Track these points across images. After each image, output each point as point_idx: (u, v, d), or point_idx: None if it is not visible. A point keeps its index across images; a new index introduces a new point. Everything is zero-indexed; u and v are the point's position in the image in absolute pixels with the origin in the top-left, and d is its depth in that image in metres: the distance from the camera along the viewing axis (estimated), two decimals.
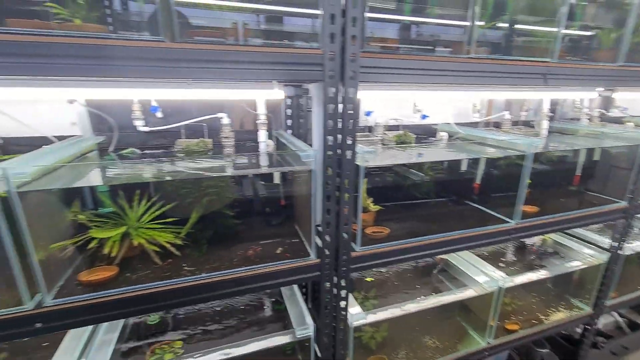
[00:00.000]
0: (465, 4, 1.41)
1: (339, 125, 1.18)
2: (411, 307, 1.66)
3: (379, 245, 1.43)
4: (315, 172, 1.24)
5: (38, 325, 1.03)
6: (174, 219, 1.36)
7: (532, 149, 1.60)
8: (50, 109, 1.53)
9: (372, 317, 1.56)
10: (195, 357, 1.37)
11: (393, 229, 1.57)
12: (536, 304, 2.26)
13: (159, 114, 1.57)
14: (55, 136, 1.50)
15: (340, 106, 1.16)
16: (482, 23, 1.44)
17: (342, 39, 1.08)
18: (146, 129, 1.57)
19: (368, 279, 2.04)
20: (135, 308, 1.11)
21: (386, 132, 2.05)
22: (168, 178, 1.17)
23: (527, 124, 2.46)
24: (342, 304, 1.44)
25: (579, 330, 2.46)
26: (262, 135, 1.65)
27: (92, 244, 1.16)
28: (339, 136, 1.20)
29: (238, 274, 1.22)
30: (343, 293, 1.42)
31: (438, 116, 2.22)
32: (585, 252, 2.20)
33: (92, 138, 1.55)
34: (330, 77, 1.11)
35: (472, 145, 1.82)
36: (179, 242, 1.31)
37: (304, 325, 1.46)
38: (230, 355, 1.37)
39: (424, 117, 2.11)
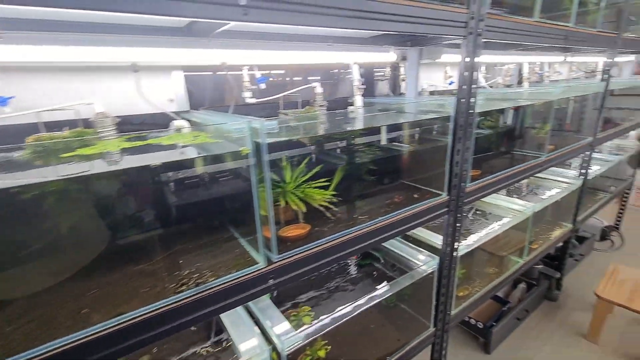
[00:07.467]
0: None
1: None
2: None
3: (480, 180, 1.72)
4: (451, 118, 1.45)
5: (271, 281, 1.03)
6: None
7: None
8: (150, 85, 1.40)
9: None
10: (333, 314, 1.42)
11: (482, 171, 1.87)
12: (544, 229, 2.86)
13: (263, 86, 1.57)
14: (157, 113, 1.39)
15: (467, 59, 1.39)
16: None
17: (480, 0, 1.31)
18: (253, 100, 1.55)
19: None
20: (343, 253, 1.18)
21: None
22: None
23: None
24: (456, 236, 1.70)
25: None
26: (359, 100, 1.77)
27: (282, 203, 1.18)
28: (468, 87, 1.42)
29: (404, 214, 1.37)
30: (458, 224, 1.67)
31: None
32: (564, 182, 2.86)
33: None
34: (470, 33, 1.33)
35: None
36: (334, 199, 1.38)
37: (429, 260, 1.67)
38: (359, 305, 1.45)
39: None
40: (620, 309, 2.38)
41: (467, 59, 1.38)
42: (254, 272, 1.00)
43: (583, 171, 2.87)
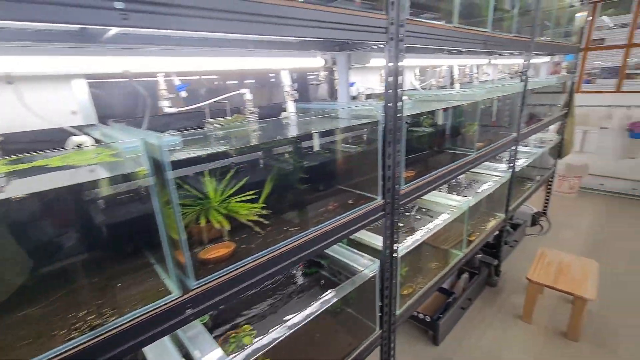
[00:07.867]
0: None
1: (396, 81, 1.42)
2: None
3: (416, 181, 1.76)
4: (380, 123, 1.45)
5: (189, 311, 0.94)
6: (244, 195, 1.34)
7: None
8: (42, 97, 1.22)
9: None
10: (274, 329, 1.37)
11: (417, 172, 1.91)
12: (481, 220, 3.03)
13: (184, 94, 1.46)
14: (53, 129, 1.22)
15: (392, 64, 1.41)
16: None
17: (398, 7, 1.32)
18: (173, 110, 1.43)
19: None
20: (273, 269, 1.12)
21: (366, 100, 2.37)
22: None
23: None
24: (395, 237, 1.72)
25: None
26: (291, 106, 1.72)
27: (202, 222, 1.09)
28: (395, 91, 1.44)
29: (338, 222, 1.34)
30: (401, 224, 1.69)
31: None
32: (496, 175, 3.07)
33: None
34: (391, 39, 1.34)
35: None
36: (264, 212, 1.32)
37: (370, 264, 1.67)
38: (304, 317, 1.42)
39: None
40: (549, 289, 2.60)
41: (391, 64, 1.39)
42: (166, 304, 0.90)
43: (511, 164, 3.10)
